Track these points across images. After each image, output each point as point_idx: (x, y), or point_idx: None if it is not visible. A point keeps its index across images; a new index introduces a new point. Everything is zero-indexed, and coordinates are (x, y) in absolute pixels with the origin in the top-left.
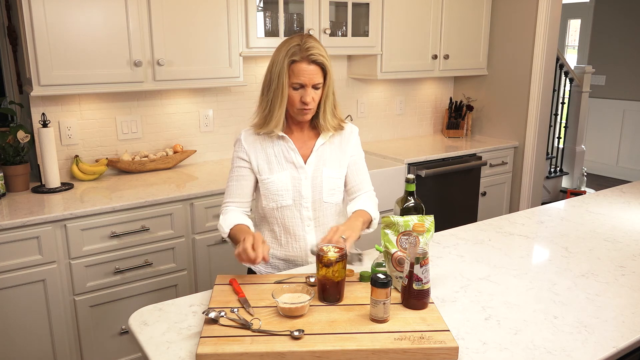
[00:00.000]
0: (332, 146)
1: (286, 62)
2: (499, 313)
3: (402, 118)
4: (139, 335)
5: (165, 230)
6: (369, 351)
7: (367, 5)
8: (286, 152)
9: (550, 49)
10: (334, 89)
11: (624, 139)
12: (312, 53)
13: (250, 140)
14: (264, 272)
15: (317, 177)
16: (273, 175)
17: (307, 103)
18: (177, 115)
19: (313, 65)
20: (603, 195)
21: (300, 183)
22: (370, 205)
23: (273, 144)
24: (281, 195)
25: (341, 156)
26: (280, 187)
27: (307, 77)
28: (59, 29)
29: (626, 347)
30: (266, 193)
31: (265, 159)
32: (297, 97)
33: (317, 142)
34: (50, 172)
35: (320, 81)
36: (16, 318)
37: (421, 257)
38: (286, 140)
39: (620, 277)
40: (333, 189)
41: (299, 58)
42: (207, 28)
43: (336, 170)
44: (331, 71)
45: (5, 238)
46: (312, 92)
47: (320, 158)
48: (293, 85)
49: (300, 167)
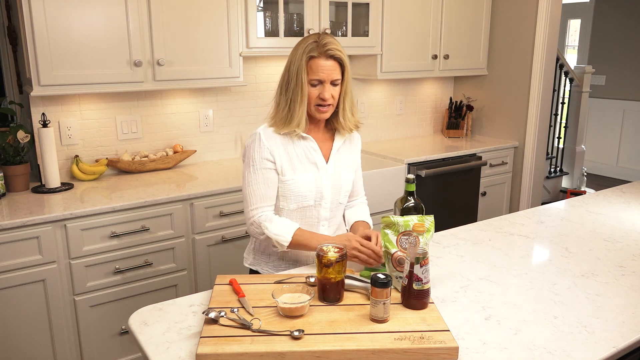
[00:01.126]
0: (345, 149)
1: (304, 59)
2: (499, 313)
3: (402, 118)
4: (139, 335)
5: (165, 230)
6: (369, 351)
7: (367, 5)
8: (308, 153)
9: (550, 49)
10: (352, 93)
11: (624, 139)
12: (329, 48)
13: (271, 140)
14: (272, 273)
15: (337, 179)
16: (297, 177)
17: (326, 100)
18: (177, 115)
19: (331, 60)
20: (603, 195)
21: (323, 184)
22: (368, 216)
23: (294, 144)
24: (304, 196)
25: (352, 160)
26: (303, 188)
27: (326, 73)
28: (59, 29)
29: (626, 347)
30: (287, 194)
31: (287, 159)
32: (315, 94)
33: (335, 143)
34: (50, 172)
35: (339, 77)
36: (16, 318)
37: (421, 257)
38: (309, 140)
39: (620, 277)
40: (348, 190)
41: (317, 54)
42: (207, 28)
43: (351, 172)
44: (350, 70)
45: (5, 238)
46: (331, 88)
47: (339, 160)
48: (311, 82)
49: (323, 168)
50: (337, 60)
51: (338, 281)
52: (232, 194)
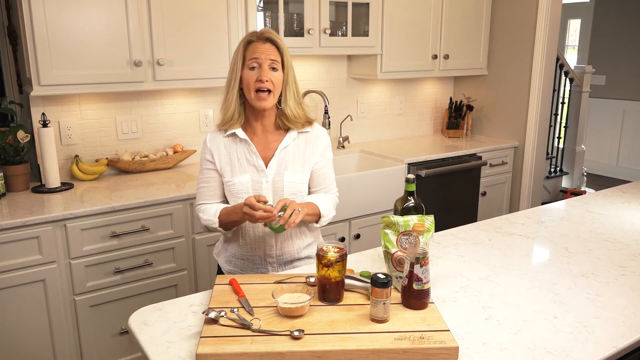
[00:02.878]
0: (296, 148)
1: (242, 46)
2: (499, 313)
3: (402, 118)
4: (139, 335)
5: (165, 230)
6: (369, 351)
7: (367, 5)
8: (248, 155)
9: (550, 49)
10: (298, 85)
11: (624, 139)
12: (265, 31)
13: (214, 141)
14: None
15: (278, 181)
16: (234, 178)
17: (263, 81)
18: (177, 115)
19: (268, 43)
20: (603, 195)
21: (261, 186)
22: (325, 202)
23: (236, 146)
24: (242, 197)
25: (304, 160)
26: (240, 189)
27: (263, 53)
28: (58, 29)
29: (626, 347)
30: (228, 195)
31: (228, 160)
32: (253, 77)
33: (281, 144)
34: (50, 172)
35: (277, 59)
36: (16, 318)
37: (421, 257)
38: (248, 143)
39: (620, 277)
40: (294, 193)
41: (255, 38)
42: (207, 28)
43: (298, 174)
44: (289, 58)
45: (5, 238)
46: (270, 72)
47: (283, 161)
48: (250, 65)
49: (261, 171)
50: (273, 43)
51: (338, 281)
52: None
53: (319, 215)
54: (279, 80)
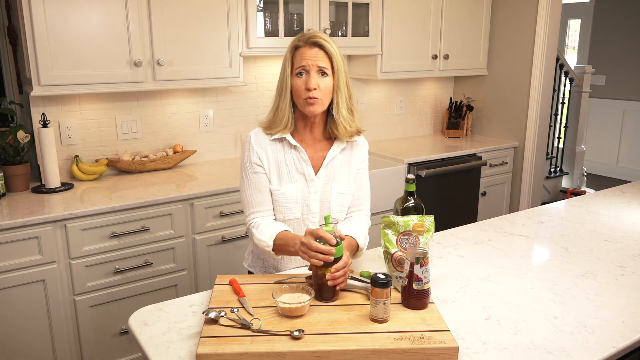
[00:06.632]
0: (343, 159)
1: (289, 51)
2: (499, 313)
3: (402, 118)
4: (139, 335)
5: (165, 230)
6: (369, 351)
7: (367, 5)
8: (297, 163)
9: (550, 49)
10: (351, 90)
11: (624, 139)
12: (313, 35)
13: (260, 144)
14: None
15: (326, 192)
16: (283, 187)
17: (311, 89)
18: (177, 115)
19: (316, 48)
20: (603, 195)
21: (309, 197)
22: (361, 231)
23: (284, 152)
24: (289, 208)
25: (350, 169)
26: (289, 199)
27: (310, 59)
28: (59, 29)
29: (626, 347)
30: (275, 204)
31: (275, 167)
32: (302, 85)
33: (329, 153)
34: (50, 172)
35: (326, 65)
36: (16, 318)
37: (421, 257)
38: (299, 150)
39: (620, 277)
40: (342, 204)
41: (302, 43)
42: (207, 28)
43: (346, 185)
44: (340, 61)
45: (5, 238)
46: (318, 78)
47: (331, 171)
48: (297, 71)
49: (311, 180)
50: (322, 48)
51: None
52: (232, 194)
53: (356, 248)
54: (329, 86)
